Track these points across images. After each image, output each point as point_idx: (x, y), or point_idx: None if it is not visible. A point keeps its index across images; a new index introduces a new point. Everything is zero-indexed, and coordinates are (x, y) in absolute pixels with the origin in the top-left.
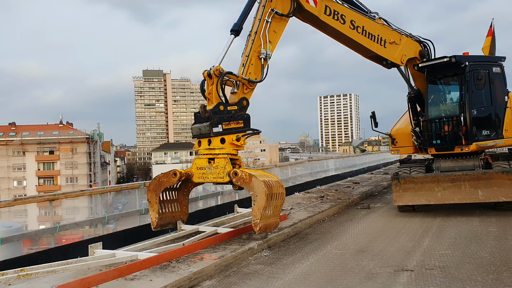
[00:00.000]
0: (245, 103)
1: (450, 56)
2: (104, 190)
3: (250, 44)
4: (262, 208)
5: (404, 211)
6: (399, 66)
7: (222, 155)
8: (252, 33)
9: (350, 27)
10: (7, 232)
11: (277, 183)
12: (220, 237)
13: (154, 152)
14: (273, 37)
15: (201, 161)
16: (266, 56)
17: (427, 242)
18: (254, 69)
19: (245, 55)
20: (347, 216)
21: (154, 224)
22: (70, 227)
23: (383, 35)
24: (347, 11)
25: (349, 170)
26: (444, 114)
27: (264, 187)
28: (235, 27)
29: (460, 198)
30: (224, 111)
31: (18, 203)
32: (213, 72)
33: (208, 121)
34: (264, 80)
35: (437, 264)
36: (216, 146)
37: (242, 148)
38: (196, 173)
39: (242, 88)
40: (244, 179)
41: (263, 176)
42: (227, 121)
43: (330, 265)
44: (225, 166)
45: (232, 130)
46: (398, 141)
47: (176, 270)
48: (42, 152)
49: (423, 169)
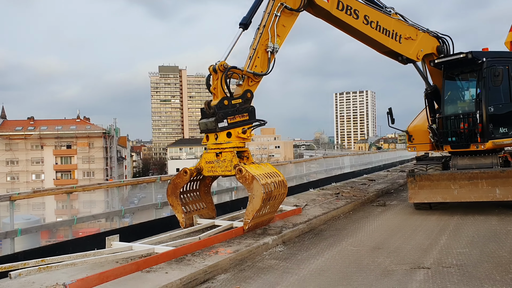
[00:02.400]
0: (249, 95)
1: (467, 52)
2: (121, 183)
3: (258, 37)
4: (255, 211)
5: (420, 208)
6: (415, 62)
7: (228, 149)
8: (261, 26)
9: (364, 22)
10: (26, 224)
11: (280, 184)
12: (236, 231)
13: (169, 147)
14: (281, 31)
15: (209, 155)
16: (273, 50)
17: (444, 240)
18: (261, 62)
19: (252, 48)
20: (363, 213)
21: (182, 224)
22: (87, 219)
23: (398, 30)
24: (361, 6)
25: (365, 167)
26: (460, 111)
27: (262, 192)
28: (243, 20)
29: (477, 196)
30: (229, 105)
31: (37, 195)
32: (218, 67)
33: (214, 117)
34: (269, 73)
35: (455, 262)
36: (222, 141)
37: (249, 140)
38: (206, 167)
39: (247, 80)
40: (246, 179)
41: (267, 177)
42: (232, 115)
43: (346, 262)
44: (232, 159)
45: (237, 124)
46: (415, 138)
47: (191, 263)
48: (59, 146)
49: (440, 166)
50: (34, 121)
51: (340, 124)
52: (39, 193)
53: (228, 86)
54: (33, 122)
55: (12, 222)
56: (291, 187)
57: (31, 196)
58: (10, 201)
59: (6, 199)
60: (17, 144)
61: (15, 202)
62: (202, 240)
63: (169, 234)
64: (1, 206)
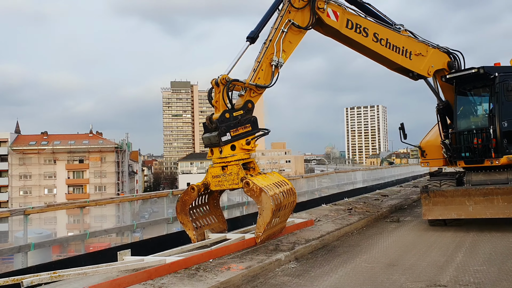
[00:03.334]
0: (250, 105)
1: (479, 67)
2: (133, 198)
3: (263, 51)
4: (266, 223)
5: (435, 225)
6: (426, 78)
7: (234, 162)
8: (267, 40)
9: (373, 40)
10: (39, 238)
11: (289, 192)
12: (247, 242)
13: (180, 161)
14: (288, 47)
15: (215, 169)
16: (278, 64)
17: (460, 257)
18: (264, 74)
19: (257, 61)
20: (376, 229)
21: (194, 241)
22: (99, 234)
23: (408, 47)
24: (370, 24)
25: (377, 182)
26: (473, 126)
27: (271, 204)
28: (251, 34)
29: (492, 212)
30: (231, 118)
31: (51, 209)
32: (220, 81)
33: (216, 131)
34: (272, 86)
35: (472, 280)
36: (227, 154)
37: (254, 150)
38: (213, 181)
39: (249, 92)
40: (254, 191)
41: (275, 187)
42: (234, 127)
43: (360, 279)
44: (238, 172)
45: (241, 136)
46: (428, 153)
47: (203, 279)
48: (72, 161)
49: (454, 182)
50: (48, 135)
51: (352, 138)
52: (53, 207)
53: (230, 98)
54: (47, 137)
55: (25, 236)
56: (302, 202)
57: (45, 210)
58: (24, 215)
59: (20, 213)
60: (31, 159)
61: (28, 216)
62: (214, 250)
63: (180, 247)
64: (14, 220)
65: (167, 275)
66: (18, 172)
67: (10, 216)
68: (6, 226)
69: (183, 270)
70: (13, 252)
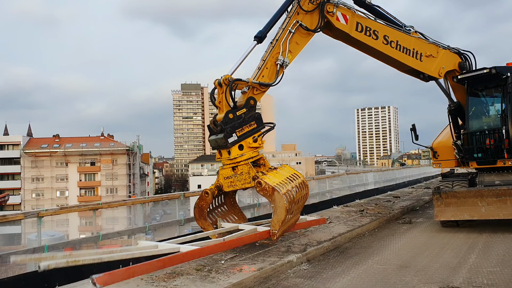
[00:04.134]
0: (252, 102)
1: (490, 67)
2: (145, 200)
3: (269, 50)
4: (280, 221)
5: (447, 226)
6: (437, 79)
7: (243, 162)
8: (274, 40)
9: (383, 42)
10: (52, 240)
11: (301, 186)
12: (260, 235)
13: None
14: (294, 48)
15: (226, 171)
16: (283, 64)
17: (473, 258)
18: (269, 73)
19: (262, 59)
20: (388, 230)
21: None
22: (112, 236)
23: (418, 48)
24: (380, 27)
25: (389, 184)
26: (485, 126)
27: (285, 203)
28: (259, 33)
29: (505, 213)
30: (234, 118)
31: (64, 212)
32: (223, 81)
33: (222, 133)
34: (276, 85)
35: (485, 282)
36: (236, 154)
37: (262, 147)
38: (225, 182)
39: (252, 89)
40: (267, 191)
41: (287, 183)
42: (240, 127)
43: (372, 280)
44: (249, 171)
45: (246, 134)
46: (440, 154)
47: (215, 280)
48: (84, 163)
49: (466, 183)
50: (59, 138)
51: (362, 140)
52: (66, 210)
53: (233, 98)
54: (58, 140)
55: (39, 239)
56: (314, 204)
57: (58, 212)
58: (37, 218)
59: (34, 216)
60: (43, 162)
61: (42, 218)
62: (227, 242)
63: (194, 235)
64: (27, 223)
65: (181, 276)
66: (30, 175)
67: (24, 219)
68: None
69: (195, 271)
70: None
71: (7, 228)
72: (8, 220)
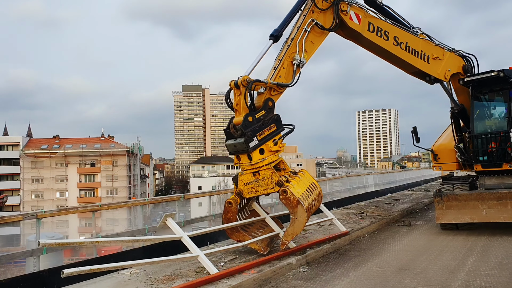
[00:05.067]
0: (270, 104)
1: (498, 70)
2: (145, 201)
3: (285, 49)
4: (295, 235)
5: (446, 229)
6: (443, 82)
7: (265, 166)
8: (289, 39)
9: (394, 43)
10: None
11: (318, 197)
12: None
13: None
14: (309, 47)
15: (246, 176)
16: (300, 63)
17: (472, 261)
18: (285, 73)
19: (278, 59)
20: (388, 233)
21: (261, 251)
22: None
23: (426, 50)
24: (391, 27)
25: (389, 186)
26: (490, 129)
27: (306, 218)
28: (275, 32)
29: (506, 217)
30: (254, 121)
31: (63, 213)
32: (241, 82)
33: (242, 137)
34: (294, 85)
35: (483, 285)
36: (257, 159)
37: (282, 150)
38: (245, 189)
39: (269, 90)
40: (291, 202)
41: (308, 195)
42: (260, 130)
43: (371, 283)
44: (272, 176)
45: (267, 138)
46: (440, 157)
47: (215, 283)
48: (84, 165)
49: (467, 186)
50: (59, 139)
51: (363, 142)
52: (65, 211)
53: (252, 99)
54: (58, 141)
55: (38, 240)
56: None
57: (57, 214)
58: (36, 219)
59: (32, 217)
60: (42, 162)
61: (41, 220)
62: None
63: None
64: (26, 224)
65: (180, 278)
66: (30, 176)
67: (23, 220)
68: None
69: (194, 274)
70: (26, 255)
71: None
72: (6, 221)
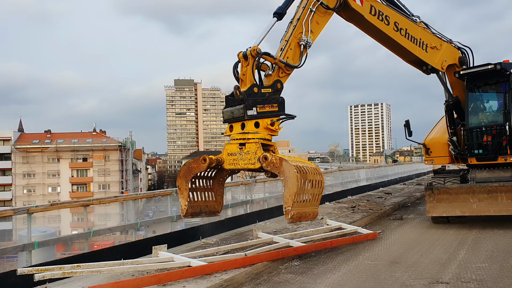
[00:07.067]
0: (279, 85)
1: (495, 63)
2: (137, 196)
3: (291, 30)
4: (293, 194)
5: (438, 222)
6: (439, 72)
7: (253, 140)
8: (295, 19)
9: (394, 29)
10: (43, 236)
11: (314, 170)
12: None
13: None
14: (315, 28)
15: (232, 146)
16: (306, 44)
17: (463, 254)
18: (293, 54)
19: (284, 40)
20: (379, 226)
21: (183, 212)
22: (103, 232)
23: (424, 39)
24: (392, 12)
25: (381, 180)
26: (487, 123)
27: (295, 171)
28: (279, 10)
29: (496, 210)
30: (258, 93)
31: (54, 208)
32: (250, 53)
33: (242, 104)
34: (301, 67)
35: (474, 277)
36: (250, 130)
37: (277, 133)
38: (227, 159)
39: (277, 71)
40: (274, 163)
41: (297, 161)
42: (262, 104)
43: (363, 276)
44: (256, 151)
45: (266, 114)
46: (432, 150)
47: (207, 276)
48: (76, 159)
49: (458, 179)
50: (51, 134)
51: (355, 136)
52: (57, 206)
53: (259, 73)
54: (50, 135)
55: (29, 235)
56: None
57: (49, 209)
58: (27, 214)
59: (23, 212)
60: (34, 157)
61: (32, 215)
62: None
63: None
64: (18, 219)
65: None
66: (21, 171)
67: (14, 215)
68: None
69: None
70: (17, 250)
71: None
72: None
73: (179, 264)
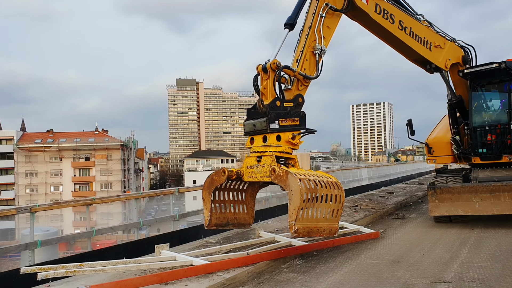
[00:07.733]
0: (300, 100)
1: (499, 62)
2: (139, 195)
3: (305, 39)
4: (297, 208)
5: (440, 221)
6: (442, 71)
7: (268, 153)
8: (306, 28)
9: (399, 28)
10: (45, 235)
11: (332, 184)
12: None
13: (186, 159)
14: (326, 32)
15: (251, 159)
16: (321, 52)
17: (465, 253)
18: (309, 64)
19: (298, 50)
20: (381, 226)
21: (206, 222)
22: (106, 231)
23: (428, 38)
24: (396, 11)
25: (383, 179)
26: (491, 122)
27: (299, 185)
28: (289, 20)
29: (499, 209)
30: (281, 107)
31: (57, 207)
32: (270, 66)
33: (265, 117)
34: (318, 77)
35: (476, 277)
36: (272, 143)
37: (297, 147)
38: (247, 172)
39: (297, 84)
40: (281, 176)
41: (309, 175)
42: (284, 117)
43: (365, 275)
44: (271, 164)
45: (288, 128)
46: (435, 150)
47: (209, 275)
48: (78, 159)
49: (460, 179)
50: (53, 133)
51: (357, 136)
52: (59, 205)
53: (280, 86)
54: (52, 135)
55: (32, 234)
56: None
57: (51, 208)
58: (30, 213)
59: (26, 211)
60: (36, 157)
61: (35, 214)
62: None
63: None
64: (20, 218)
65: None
66: (24, 170)
67: (17, 214)
68: (13, 224)
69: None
70: (20, 249)
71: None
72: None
73: (181, 263)
